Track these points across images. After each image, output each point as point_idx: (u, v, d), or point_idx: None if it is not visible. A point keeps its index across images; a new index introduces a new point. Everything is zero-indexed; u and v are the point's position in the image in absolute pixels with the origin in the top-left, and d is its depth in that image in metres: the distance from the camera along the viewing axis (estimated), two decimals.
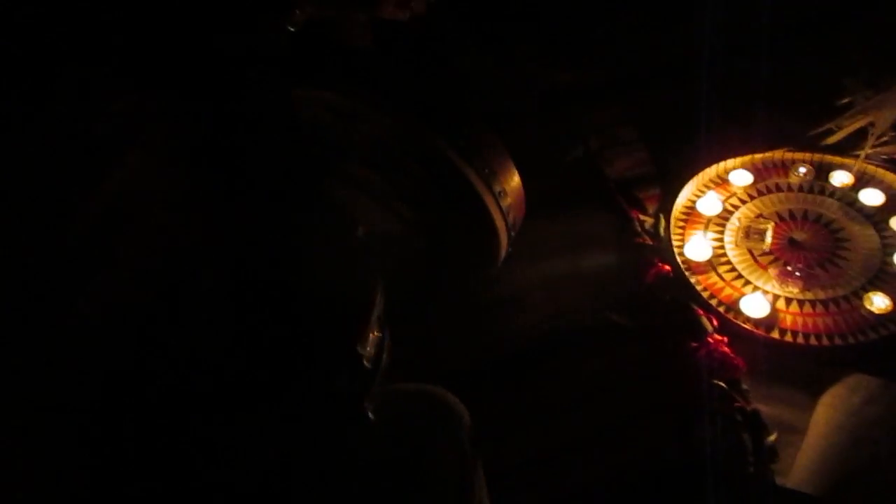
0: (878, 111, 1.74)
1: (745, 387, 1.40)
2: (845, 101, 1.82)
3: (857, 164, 1.71)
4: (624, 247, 1.66)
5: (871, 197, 1.66)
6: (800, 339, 1.45)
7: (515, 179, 1.47)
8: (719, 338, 1.46)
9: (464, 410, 0.86)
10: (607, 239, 1.70)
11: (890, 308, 1.46)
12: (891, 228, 1.60)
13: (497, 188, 1.42)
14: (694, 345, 1.45)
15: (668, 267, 1.58)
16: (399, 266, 1.51)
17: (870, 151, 1.72)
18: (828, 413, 1.35)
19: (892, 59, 1.84)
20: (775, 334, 1.46)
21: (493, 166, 1.43)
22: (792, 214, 1.67)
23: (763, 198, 1.72)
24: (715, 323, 1.47)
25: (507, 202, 1.44)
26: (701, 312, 1.50)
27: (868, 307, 1.47)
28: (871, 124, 1.75)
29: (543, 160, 1.82)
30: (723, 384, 1.39)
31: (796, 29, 1.96)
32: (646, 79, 2.03)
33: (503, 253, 1.49)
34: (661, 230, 1.66)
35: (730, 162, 1.78)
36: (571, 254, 1.68)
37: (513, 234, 1.49)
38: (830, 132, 1.79)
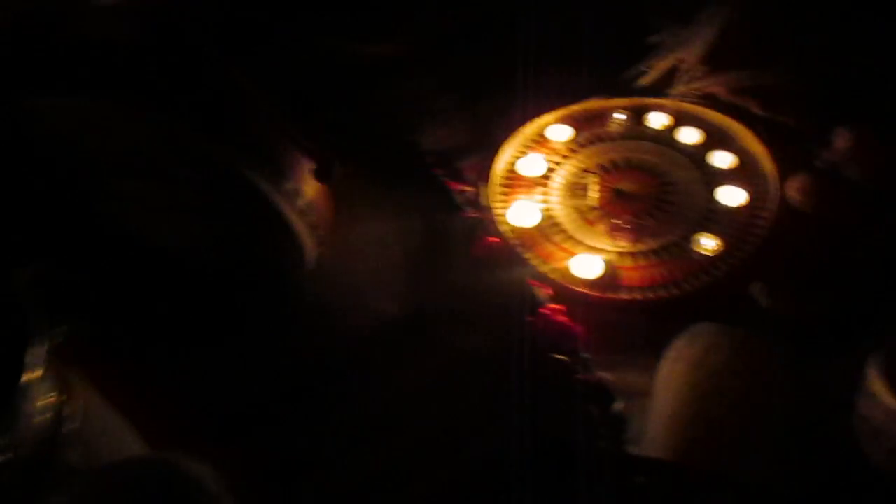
0: (687, 47, 1.69)
1: (586, 356, 1.31)
2: (655, 40, 1.75)
3: (673, 104, 1.65)
4: (448, 224, 1.53)
5: (690, 135, 1.60)
6: (636, 295, 1.36)
7: (318, 190, 1.32)
8: (555, 307, 1.35)
9: (203, 474, 0.69)
10: (431, 219, 1.57)
11: (719, 248, 1.40)
12: (711, 165, 1.54)
13: (288, 187, 1.25)
14: (529, 318, 1.34)
15: (495, 238, 1.46)
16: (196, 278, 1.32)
17: (683, 89, 1.67)
18: (672, 369, 1.27)
19: None
20: (611, 293, 1.37)
21: (281, 164, 1.27)
22: (615, 164, 1.59)
23: (585, 150, 1.63)
24: (548, 292, 1.37)
25: (303, 201, 1.28)
26: (534, 283, 1.39)
27: (698, 250, 1.40)
28: (682, 61, 1.69)
29: (356, 142, 1.66)
30: (563, 357, 1.29)
31: None
32: (456, 43, 1.89)
33: (312, 254, 1.33)
34: (484, 200, 1.53)
35: (548, 117, 1.68)
36: (396, 241, 1.53)
37: (320, 232, 1.33)
38: (643, 73, 1.72)
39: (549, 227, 1.50)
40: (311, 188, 1.32)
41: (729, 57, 1.65)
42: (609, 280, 1.39)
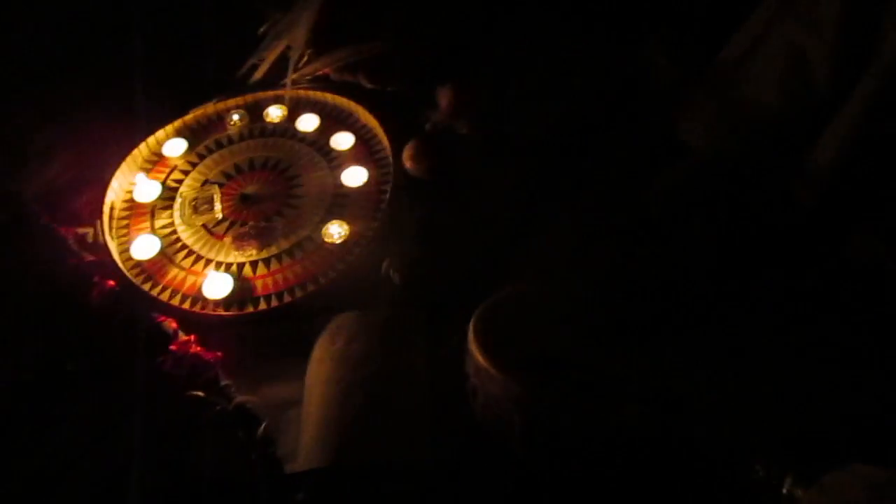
0: (291, 32, 1.62)
1: (225, 383, 1.22)
2: (262, 30, 1.67)
3: (287, 93, 1.59)
4: (60, 275, 1.36)
5: (308, 122, 1.56)
6: (273, 302, 1.30)
7: None
8: (185, 338, 1.25)
9: None
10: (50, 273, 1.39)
11: (347, 233, 1.36)
12: (333, 148, 1.51)
13: None
14: (160, 359, 1.22)
15: (111, 281, 1.32)
16: None
17: (295, 76, 1.60)
18: (318, 371, 1.22)
19: None
20: (246, 308, 1.29)
21: None
22: (239, 168, 1.51)
23: (206, 161, 1.53)
24: (174, 325, 1.26)
25: None
26: (161, 318, 1.27)
27: (329, 240, 1.36)
28: (289, 47, 1.62)
29: None
30: (197, 392, 1.19)
31: None
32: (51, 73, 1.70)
33: None
34: (100, 239, 1.38)
35: (159, 133, 1.55)
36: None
37: None
38: (255, 68, 1.64)
39: (175, 252, 1.39)
40: None
41: (334, 35, 1.61)
42: (242, 293, 1.31)
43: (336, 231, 1.37)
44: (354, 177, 1.45)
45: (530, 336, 1.05)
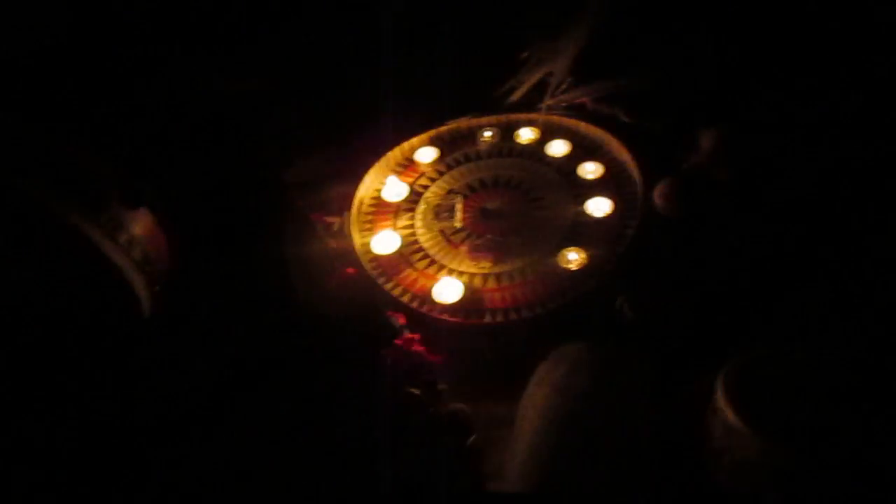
0: (555, 60, 1.64)
1: (442, 387, 1.22)
2: (524, 55, 1.70)
3: (541, 118, 1.59)
4: (312, 258, 1.44)
5: (558, 148, 1.54)
6: (499, 318, 1.28)
7: (147, 223, 1.22)
8: (410, 336, 1.26)
9: None
10: (297, 254, 1.47)
11: (583, 261, 1.32)
12: (579, 176, 1.48)
13: (123, 238, 1.15)
14: (383, 351, 1.24)
15: (351, 269, 1.37)
16: None
17: (551, 102, 1.61)
18: (534, 395, 1.18)
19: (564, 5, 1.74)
20: (472, 318, 1.28)
21: (115, 215, 1.17)
22: (483, 183, 1.52)
23: (452, 171, 1.56)
24: (402, 321, 1.28)
25: (139, 251, 1.18)
26: (389, 313, 1.30)
27: (563, 265, 1.33)
28: (550, 74, 1.64)
29: (220, 184, 1.57)
30: (415, 391, 1.19)
31: None
32: (316, 77, 1.82)
33: (144, 295, 1.23)
34: (346, 230, 1.45)
35: (414, 140, 1.61)
36: (254, 282, 1.43)
37: (158, 283, 1.23)
38: (513, 89, 1.67)
39: (412, 252, 1.42)
40: (138, 223, 1.23)
41: (595, 67, 1.59)
42: (471, 303, 1.31)
43: (573, 257, 1.33)
44: (598, 206, 1.40)
45: (792, 401, 0.93)
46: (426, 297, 1.33)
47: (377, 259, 1.41)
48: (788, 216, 1.31)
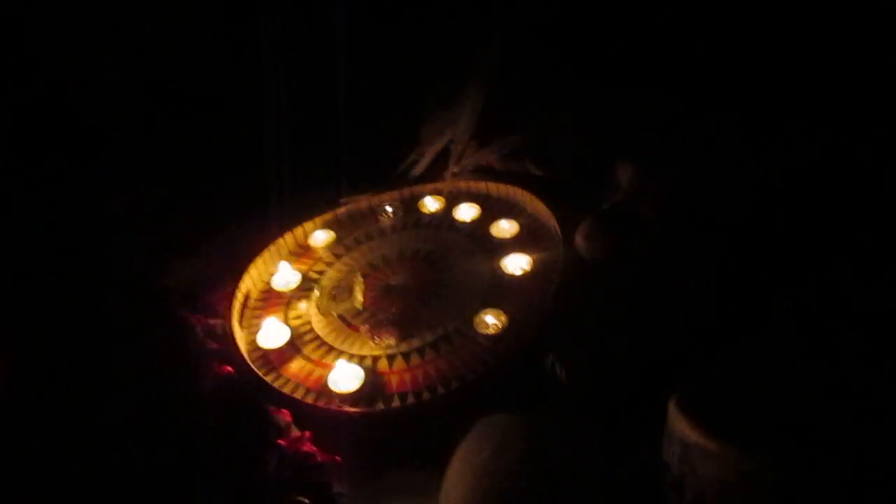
0: (455, 126, 1.50)
1: (338, 491, 0.96)
2: (424, 128, 1.57)
3: (446, 185, 1.44)
4: (184, 361, 1.20)
5: (467, 212, 1.38)
6: (409, 400, 1.05)
7: None
8: (296, 435, 1.02)
9: None
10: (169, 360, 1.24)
11: (504, 323, 1.11)
12: (493, 236, 1.30)
13: None
14: (262, 455, 0.99)
15: (229, 368, 1.14)
16: None
17: (456, 169, 1.46)
18: (455, 486, 0.93)
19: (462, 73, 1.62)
20: (377, 406, 1.04)
21: None
22: (386, 260, 1.33)
23: (353, 252, 1.37)
24: (287, 418, 1.04)
25: None
26: (273, 411, 1.06)
27: (482, 331, 1.11)
28: (451, 140, 1.50)
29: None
30: (303, 499, 0.93)
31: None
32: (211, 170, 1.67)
33: None
34: (227, 328, 1.23)
35: (307, 225, 1.43)
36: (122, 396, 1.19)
37: None
38: (415, 162, 1.52)
39: (305, 342, 1.19)
40: None
41: (497, 126, 1.46)
42: (374, 389, 1.08)
43: (491, 321, 1.12)
44: (516, 264, 1.22)
45: (747, 407, 0.72)
46: (323, 390, 1.10)
47: (265, 354, 1.18)
48: (716, 245, 1.13)
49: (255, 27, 1.63)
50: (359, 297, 1.24)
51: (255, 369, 1.14)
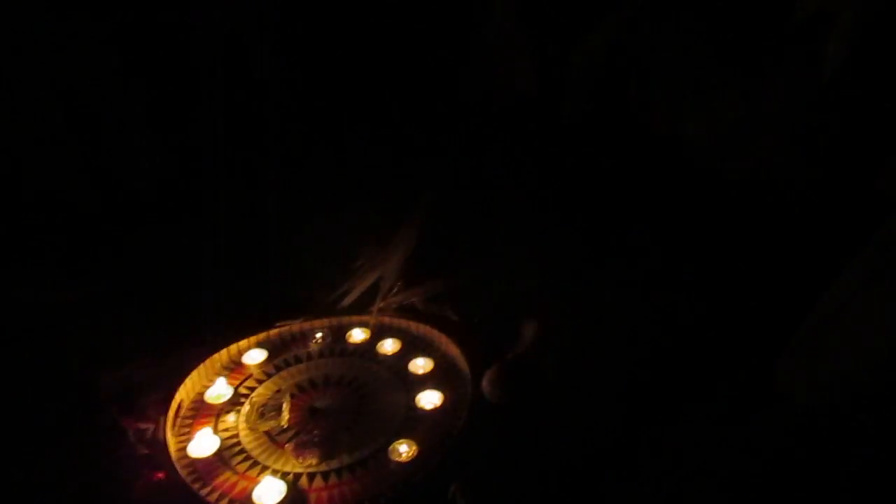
0: (385, 265, 1.70)
1: None
2: (358, 263, 1.76)
3: (372, 319, 1.61)
4: (114, 465, 1.29)
5: (390, 345, 1.55)
6: None
7: None
8: None
9: None
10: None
11: (415, 452, 1.28)
12: (410, 372, 1.48)
13: None
14: None
15: (160, 474, 1.24)
16: None
17: (382, 304, 1.65)
18: None
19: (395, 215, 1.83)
20: None
21: None
22: (313, 383, 1.48)
23: (282, 372, 1.51)
24: None
25: None
26: None
27: (395, 458, 1.27)
28: (381, 278, 1.69)
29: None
30: None
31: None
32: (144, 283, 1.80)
33: None
34: (160, 434, 1.33)
35: (242, 343, 1.57)
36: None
37: None
38: (346, 294, 1.70)
39: (232, 455, 1.31)
40: None
41: (423, 271, 1.67)
42: None
43: (404, 450, 1.28)
44: (429, 399, 1.40)
45: None
46: (245, 501, 1.21)
47: (193, 463, 1.29)
48: (611, 399, 1.35)
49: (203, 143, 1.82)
50: (286, 415, 1.38)
51: (184, 477, 1.25)
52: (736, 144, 1.68)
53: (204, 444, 1.32)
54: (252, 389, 1.47)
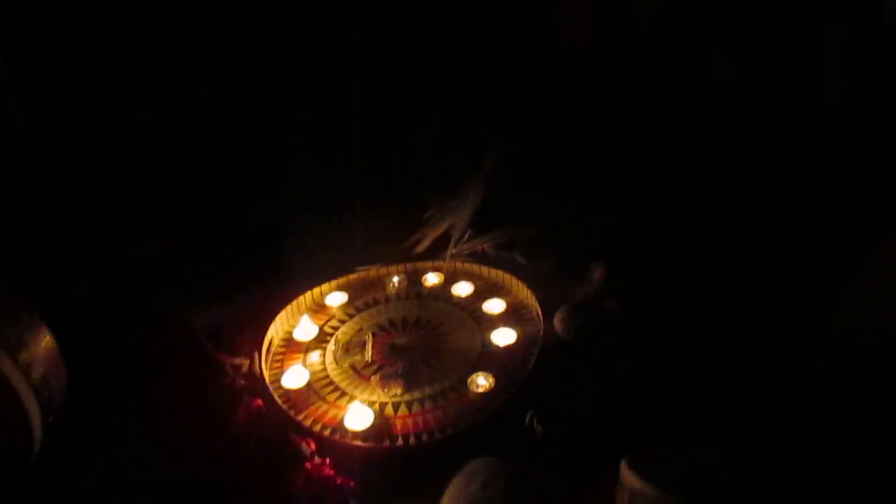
0: (455, 215, 1.78)
1: None
2: (429, 213, 1.84)
3: (446, 264, 1.70)
4: (215, 396, 1.41)
5: (463, 289, 1.63)
6: (412, 441, 1.28)
7: (49, 345, 1.20)
8: (319, 461, 1.24)
9: None
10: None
11: (491, 384, 1.36)
12: (483, 312, 1.56)
13: (23, 357, 1.13)
14: (292, 476, 1.21)
15: (259, 402, 1.36)
16: None
17: (454, 251, 1.73)
18: None
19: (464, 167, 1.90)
20: (385, 443, 1.27)
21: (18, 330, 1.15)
22: (392, 323, 1.57)
23: (362, 314, 1.61)
24: (312, 447, 1.26)
25: (38, 373, 1.15)
26: (298, 440, 1.28)
27: (474, 389, 1.36)
28: (452, 226, 1.77)
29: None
30: None
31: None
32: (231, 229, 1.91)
33: (38, 438, 1.17)
34: (255, 368, 1.45)
35: (324, 286, 1.67)
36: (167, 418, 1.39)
37: (53, 414, 1.19)
38: (419, 242, 1.78)
39: (322, 386, 1.42)
40: (41, 343, 1.20)
41: (493, 217, 1.75)
42: (382, 429, 1.31)
43: (482, 382, 1.37)
44: (503, 337, 1.47)
45: (687, 463, 0.98)
46: (338, 427, 1.32)
47: (287, 393, 1.40)
48: (673, 337, 1.41)
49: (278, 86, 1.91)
50: (369, 351, 1.48)
51: (281, 404, 1.36)
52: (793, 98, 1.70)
53: (295, 376, 1.43)
54: (336, 329, 1.57)
